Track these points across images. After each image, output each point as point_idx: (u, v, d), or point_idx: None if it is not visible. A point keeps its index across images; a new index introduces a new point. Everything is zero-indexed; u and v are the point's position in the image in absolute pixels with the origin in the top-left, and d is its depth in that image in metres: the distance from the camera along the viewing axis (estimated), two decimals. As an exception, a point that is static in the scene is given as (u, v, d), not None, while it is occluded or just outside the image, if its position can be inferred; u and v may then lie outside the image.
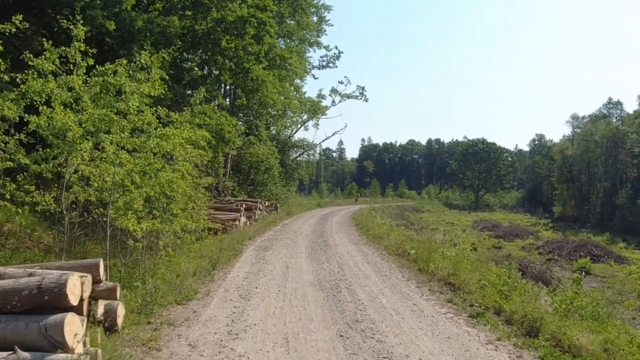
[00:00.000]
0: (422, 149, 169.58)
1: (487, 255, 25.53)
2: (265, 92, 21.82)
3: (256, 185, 35.72)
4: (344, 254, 15.49)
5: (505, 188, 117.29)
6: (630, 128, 71.69)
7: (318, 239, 19.49)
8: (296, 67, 31.48)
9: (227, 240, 15.90)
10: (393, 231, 22.26)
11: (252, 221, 24.29)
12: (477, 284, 10.75)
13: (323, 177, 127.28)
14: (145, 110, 8.95)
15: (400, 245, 16.95)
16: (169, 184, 11.30)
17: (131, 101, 8.35)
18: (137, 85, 8.50)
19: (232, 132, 18.64)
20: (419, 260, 14.18)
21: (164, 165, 11.33)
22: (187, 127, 10.92)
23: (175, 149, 10.14)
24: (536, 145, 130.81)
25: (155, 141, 9.38)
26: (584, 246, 38.58)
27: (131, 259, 11.26)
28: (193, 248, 14.10)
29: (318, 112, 45.70)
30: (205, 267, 11.40)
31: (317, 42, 40.46)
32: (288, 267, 12.42)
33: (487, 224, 63.37)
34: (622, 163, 69.31)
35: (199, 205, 14.96)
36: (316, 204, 53.56)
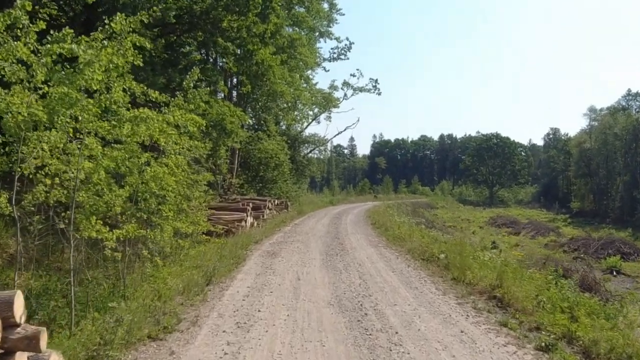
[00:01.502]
0: (434, 145, 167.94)
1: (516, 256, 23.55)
2: (272, 79, 19.90)
3: (265, 182, 33.92)
4: (364, 259, 13.50)
5: (520, 183, 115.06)
6: (652, 120, 69.40)
7: (333, 241, 17.52)
8: (306, 57, 29.59)
9: (229, 245, 13.98)
10: (415, 231, 20.29)
11: (260, 221, 22.39)
12: (531, 299, 8.76)
13: (334, 174, 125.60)
14: (115, 87, 6.99)
15: (426, 248, 14.96)
16: (157, 181, 9.41)
17: (88, 73, 6.39)
18: (95, 53, 6.53)
19: (234, 122, 16.74)
20: (451, 266, 12.21)
21: (150, 158, 9.43)
22: (175, 111, 9.02)
23: (156, 136, 8.16)
24: (551, 140, 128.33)
25: (128, 126, 7.43)
26: (612, 243, 36.65)
27: (115, 270, 9.43)
28: (189, 255, 12.22)
29: (330, 104, 43.72)
30: (198, 281, 9.42)
31: (328, 32, 38.54)
32: (299, 279, 10.41)
33: (504, 220, 61.49)
34: (642, 156, 66.93)
35: (196, 205, 13.07)
36: (328, 202, 51.65)
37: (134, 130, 7.51)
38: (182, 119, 8.76)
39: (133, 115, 7.35)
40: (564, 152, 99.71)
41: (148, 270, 9.37)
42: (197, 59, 16.00)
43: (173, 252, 11.81)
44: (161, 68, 14.49)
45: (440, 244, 16.11)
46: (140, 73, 13.73)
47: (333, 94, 44.89)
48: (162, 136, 8.39)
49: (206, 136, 16.05)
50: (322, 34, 38.55)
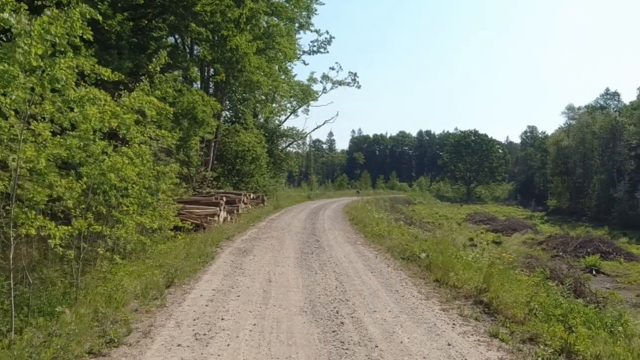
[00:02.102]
0: (412, 141, 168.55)
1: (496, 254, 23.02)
2: (248, 67, 18.96)
3: (242, 176, 33.04)
4: (341, 258, 12.74)
5: (497, 180, 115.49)
6: (629, 120, 69.71)
7: (309, 238, 16.72)
8: (285, 47, 28.63)
9: (198, 242, 13.11)
10: (394, 228, 19.61)
11: (234, 216, 21.52)
12: (522, 306, 8.09)
13: (313, 168, 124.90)
14: (57, 63, 6.07)
15: (407, 247, 14.27)
16: (116, 172, 8.52)
17: (22, 45, 5.49)
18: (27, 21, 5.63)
19: (206, 112, 15.82)
20: (433, 267, 11.53)
21: (108, 147, 8.54)
22: (139, 95, 8.15)
23: (107, 119, 7.27)
24: (528, 137, 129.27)
25: (77, 109, 6.53)
26: (591, 242, 36.40)
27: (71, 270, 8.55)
28: (155, 253, 11.36)
29: (309, 97, 42.85)
30: (158, 283, 8.54)
31: (308, 24, 37.56)
32: (271, 280, 9.55)
33: (482, 217, 61.47)
34: (619, 155, 67.19)
35: (164, 199, 12.18)
36: (306, 197, 50.86)
37: (83, 113, 6.60)
38: (137, 102, 7.83)
39: (78, 96, 6.44)
40: (541, 150, 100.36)
41: (104, 270, 8.49)
42: (168, 44, 15.02)
43: (137, 250, 10.94)
44: (129, 52, 13.54)
45: (421, 242, 15.44)
46: (105, 56, 12.81)
47: (312, 86, 44.08)
48: (116, 121, 7.47)
49: (176, 125, 15.17)
50: (301, 26, 37.60)
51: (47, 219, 7.14)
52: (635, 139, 66.11)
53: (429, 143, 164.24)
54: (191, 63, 16.94)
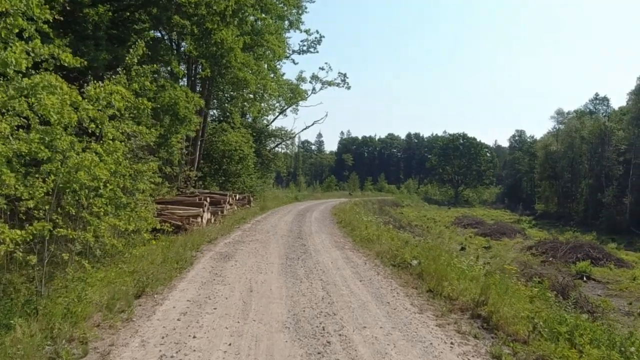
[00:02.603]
0: (401, 143, 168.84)
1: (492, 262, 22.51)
2: (234, 62, 18.22)
3: (229, 176, 32.31)
4: (328, 264, 12.05)
5: (485, 184, 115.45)
6: (617, 125, 69.72)
7: (295, 241, 16.01)
8: (274, 45, 27.94)
9: (177, 245, 12.38)
10: (383, 232, 18.97)
11: (218, 218, 20.75)
12: (523, 321, 7.47)
13: (301, 169, 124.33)
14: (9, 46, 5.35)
15: (397, 253, 13.62)
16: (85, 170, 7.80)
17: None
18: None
19: (189, 108, 15.08)
20: (425, 275, 10.91)
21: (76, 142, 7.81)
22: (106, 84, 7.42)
23: (66, 110, 6.54)
24: (516, 141, 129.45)
25: (32, 99, 5.81)
26: (581, 247, 36.05)
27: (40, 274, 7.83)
28: (132, 257, 10.62)
29: (298, 97, 42.15)
30: (128, 292, 7.79)
31: (298, 21, 36.92)
32: (252, 290, 8.82)
33: (470, 220, 61.08)
34: (608, 160, 67.13)
35: (141, 199, 11.43)
36: (294, 198, 50.07)
37: (40, 103, 5.87)
38: (104, 92, 7.11)
39: (30, 83, 5.71)
40: (529, 154, 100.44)
41: (69, 277, 7.74)
42: (150, 36, 14.26)
43: (110, 254, 10.19)
44: (107, 44, 12.79)
45: (412, 247, 14.84)
46: (81, 47, 12.05)
47: (301, 86, 43.38)
48: (78, 113, 6.73)
49: (157, 122, 14.43)
50: (291, 24, 36.97)
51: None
52: (624, 144, 66.14)
53: (418, 146, 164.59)
54: (174, 57, 16.16)
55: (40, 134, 7.01)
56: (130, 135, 12.00)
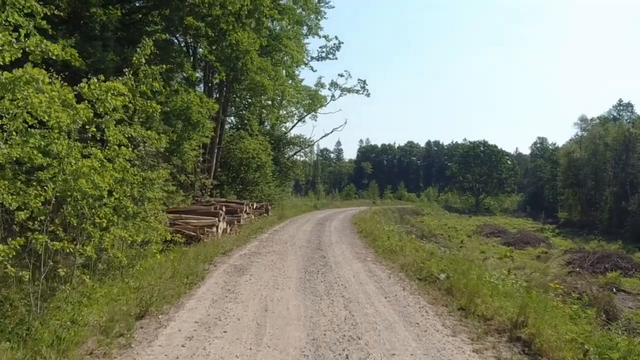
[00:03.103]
0: (421, 151, 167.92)
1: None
2: (250, 66, 17.57)
3: (246, 184, 31.68)
4: (350, 279, 11.23)
5: (506, 192, 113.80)
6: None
7: (314, 253, 15.22)
8: (292, 50, 27.34)
9: (189, 257, 11.68)
10: (406, 243, 18.13)
11: (234, 227, 20.08)
12: (569, 345, 6.63)
13: (320, 177, 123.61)
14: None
15: (423, 265, 12.80)
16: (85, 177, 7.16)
17: None
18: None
19: (202, 112, 14.43)
20: (455, 291, 10.08)
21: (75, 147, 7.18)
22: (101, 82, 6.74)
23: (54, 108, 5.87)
24: (538, 149, 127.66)
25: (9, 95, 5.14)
26: (608, 257, 34.92)
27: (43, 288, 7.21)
28: (140, 270, 9.96)
29: (317, 103, 41.45)
30: (129, 313, 7.06)
31: (317, 27, 36.35)
32: (267, 309, 8.02)
33: (492, 229, 59.92)
34: (632, 167, 65.55)
35: (151, 208, 10.77)
36: (313, 206, 49.33)
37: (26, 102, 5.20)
38: (98, 90, 6.43)
39: (11, 77, 5.04)
40: (551, 162, 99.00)
41: (66, 295, 7.07)
42: (162, 38, 13.66)
43: (115, 267, 9.52)
44: (115, 45, 12.20)
45: (438, 259, 14.00)
46: (87, 47, 11.46)
47: (320, 92, 42.68)
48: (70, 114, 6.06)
49: (168, 127, 13.81)
50: (310, 29, 36.41)
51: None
52: (649, 151, 64.77)
53: (437, 153, 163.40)
54: (187, 59, 15.57)
55: (34, 138, 6.37)
56: (140, 141, 11.39)
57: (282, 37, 26.75)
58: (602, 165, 72.57)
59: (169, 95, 13.65)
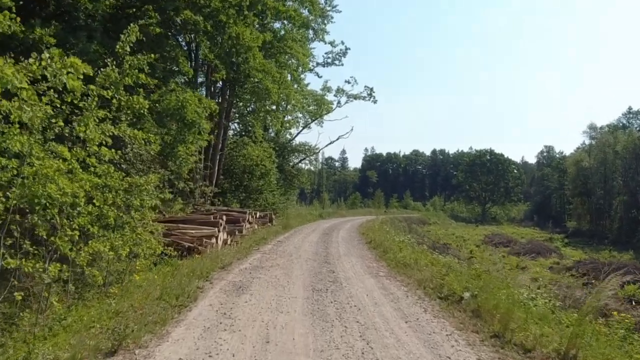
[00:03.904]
0: (426, 160, 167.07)
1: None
2: (253, 62, 16.35)
3: (250, 192, 30.48)
4: (363, 298, 9.93)
5: (513, 201, 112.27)
6: (652, 139, 66.90)
7: (322, 267, 13.92)
8: (297, 52, 26.17)
9: (182, 272, 10.43)
10: (420, 255, 16.86)
11: (235, 238, 18.84)
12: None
13: (325, 186, 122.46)
14: None
15: (442, 281, 11.52)
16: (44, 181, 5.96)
17: None
18: None
19: (199, 112, 13.22)
20: (483, 312, 8.83)
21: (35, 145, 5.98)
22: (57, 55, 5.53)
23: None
24: (545, 157, 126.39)
25: None
26: (624, 268, 33.51)
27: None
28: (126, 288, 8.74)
29: (323, 108, 40.23)
30: (98, 348, 5.78)
31: (323, 31, 35.23)
32: (269, 340, 6.67)
33: (501, 238, 58.72)
34: (643, 176, 64.28)
35: (139, 218, 9.56)
36: (318, 215, 48.02)
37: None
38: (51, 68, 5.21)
39: None
40: (558, 170, 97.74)
41: (24, 322, 5.84)
42: (155, 32, 12.43)
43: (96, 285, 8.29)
44: (102, 37, 11.03)
45: (457, 274, 12.73)
46: (69, 39, 10.29)
47: (326, 96, 41.48)
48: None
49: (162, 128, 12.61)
50: (316, 33, 35.33)
51: None
52: (660, 160, 63.50)
53: (443, 162, 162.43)
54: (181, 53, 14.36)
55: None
56: (128, 142, 10.18)
57: (287, 39, 25.60)
58: (612, 174, 71.20)
59: (162, 94, 12.50)
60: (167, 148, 13.15)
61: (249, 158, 29.72)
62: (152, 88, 12.59)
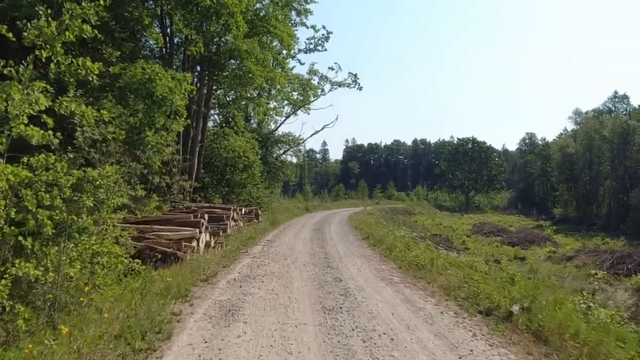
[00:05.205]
0: (407, 150, 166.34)
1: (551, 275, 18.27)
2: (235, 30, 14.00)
3: (233, 186, 28.11)
4: (389, 318, 7.64)
5: (496, 189, 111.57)
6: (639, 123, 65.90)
7: (325, 273, 11.63)
8: (282, 32, 23.84)
9: (154, 290, 8.11)
10: (431, 252, 14.78)
11: (220, 239, 16.53)
12: None
13: (307, 178, 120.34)
14: None
15: (476, 289, 9.40)
16: None
17: None
18: None
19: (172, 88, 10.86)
20: (548, 334, 6.78)
21: None
22: None
23: None
24: (527, 145, 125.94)
25: None
26: (629, 257, 32.18)
27: None
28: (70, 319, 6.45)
29: (310, 93, 37.92)
30: None
31: (306, 11, 32.87)
32: None
33: (490, 227, 57.44)
34: (631, 160, 63.19)
35: (89, 223, 7.21)
36: (304, 208, 45.94)
37: None
38: None
39: None
40: (541, 157, 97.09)
41: None
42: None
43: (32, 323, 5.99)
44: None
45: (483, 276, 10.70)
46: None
47: (313, 80, 39.15)
48: None
49: (126, 107, 10.25)
50: (299, 13, 32.97)
51: None
52: (647, 143, 62.57)
53: (425, 151, 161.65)
54: (146, 13, 11.94)
55: None
56: (77, 124, 7.82)
57: (271, 18, 23.28)
58: (598, 160, 70.24)
59: (125, 67, 10.19)
60: (133, 134, 10.78)
61: (231, 150, 27.41)
62: (113, 60, 10.34)
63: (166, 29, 19.30)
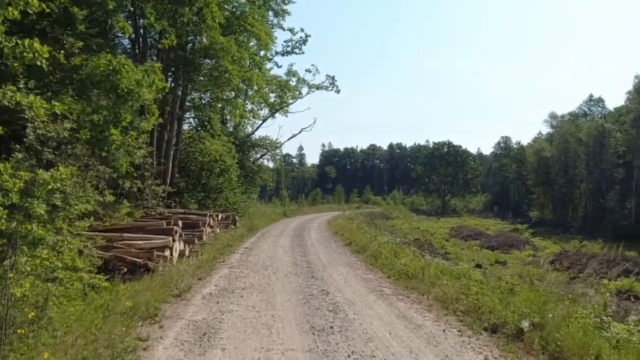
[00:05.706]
0: (383, 154, 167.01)
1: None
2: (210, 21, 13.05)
3: (209, 191, 27.11)
4: (388, 341, 6.69)
5: (472, 192, 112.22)
6: (617, 126, 66.43)
7: (310, 285, 10.66)
8: (259, 31, 22.92)
9: (119, 309, 7.10)
10: (418, 260, 13.99)
11: (195, 247, 15.50)
12: None
13: (284, 183, 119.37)
14: None
15: (477, 302, 8.60)
16: None
17: None
18: None
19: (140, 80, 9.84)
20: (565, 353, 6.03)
21: None
22: None
23: None
24: (502, 148, 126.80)
25: None
26: (613, 260, 32.25)
27: None
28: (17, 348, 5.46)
29: (288, 95, 37.07)
30: None
31: (284, 12, 32.02)
32: None
33: (468, 231, 57.65)
34: (607, 163, 63.69)
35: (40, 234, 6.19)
36: (282, 214, 45.11)
37: None
38: None
39: None
40: (516, 161, 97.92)
41: None
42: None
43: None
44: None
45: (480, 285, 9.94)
46: None
47: (291, 81, 38.27)
48: None
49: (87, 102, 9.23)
50: (276, 14, 32.10)
51: None
52: (622, 147, 62.98)
53: (400, 156, 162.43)
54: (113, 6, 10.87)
55: None
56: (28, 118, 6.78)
57: (247, 16, 22.36)
58: (573, 163, 70.69)
59: (87, 59, 9.18)
60: (97, 132, 9.72)
61: (207, 153, 26.42)
62: (75, 52, 9.32)
63: (138, 28, 18.29)
